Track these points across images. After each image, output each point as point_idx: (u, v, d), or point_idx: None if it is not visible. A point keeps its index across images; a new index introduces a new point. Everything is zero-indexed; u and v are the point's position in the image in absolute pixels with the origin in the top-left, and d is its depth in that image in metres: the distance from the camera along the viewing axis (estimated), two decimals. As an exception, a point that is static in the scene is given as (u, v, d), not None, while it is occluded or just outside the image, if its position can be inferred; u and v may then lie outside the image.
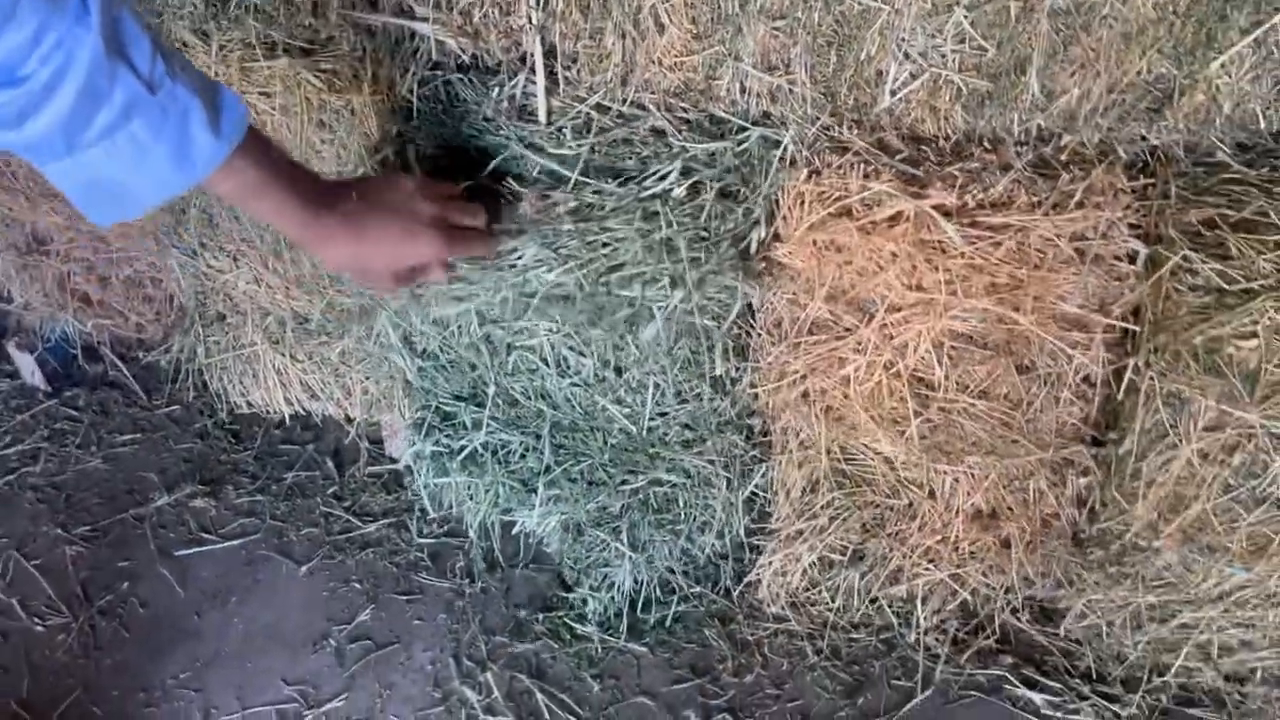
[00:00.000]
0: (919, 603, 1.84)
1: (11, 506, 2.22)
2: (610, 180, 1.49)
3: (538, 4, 1.47)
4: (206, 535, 2.16)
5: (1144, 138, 1.39)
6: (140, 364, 2.48)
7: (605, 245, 1.45)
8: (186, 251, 1.94)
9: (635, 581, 1.90)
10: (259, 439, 2.35)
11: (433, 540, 2.13)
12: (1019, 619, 1.87)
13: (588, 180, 1.48)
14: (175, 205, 1.88)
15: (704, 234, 1.46)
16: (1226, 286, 1.25)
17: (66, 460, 2.33)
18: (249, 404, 2.17)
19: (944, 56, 1.35)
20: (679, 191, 1.45)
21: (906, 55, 1.37)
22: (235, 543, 2.14)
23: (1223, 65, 1.30)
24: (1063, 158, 1.41)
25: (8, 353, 2.46)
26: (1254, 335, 1.25)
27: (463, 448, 1.82)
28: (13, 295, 2.30)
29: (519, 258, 1.47)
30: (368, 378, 2.01)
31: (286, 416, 2.19)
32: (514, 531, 1.99)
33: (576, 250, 1.46)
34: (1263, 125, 1.34)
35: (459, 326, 1.67)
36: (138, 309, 2.24)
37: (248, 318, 2.03)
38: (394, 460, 2.25)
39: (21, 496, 2.25)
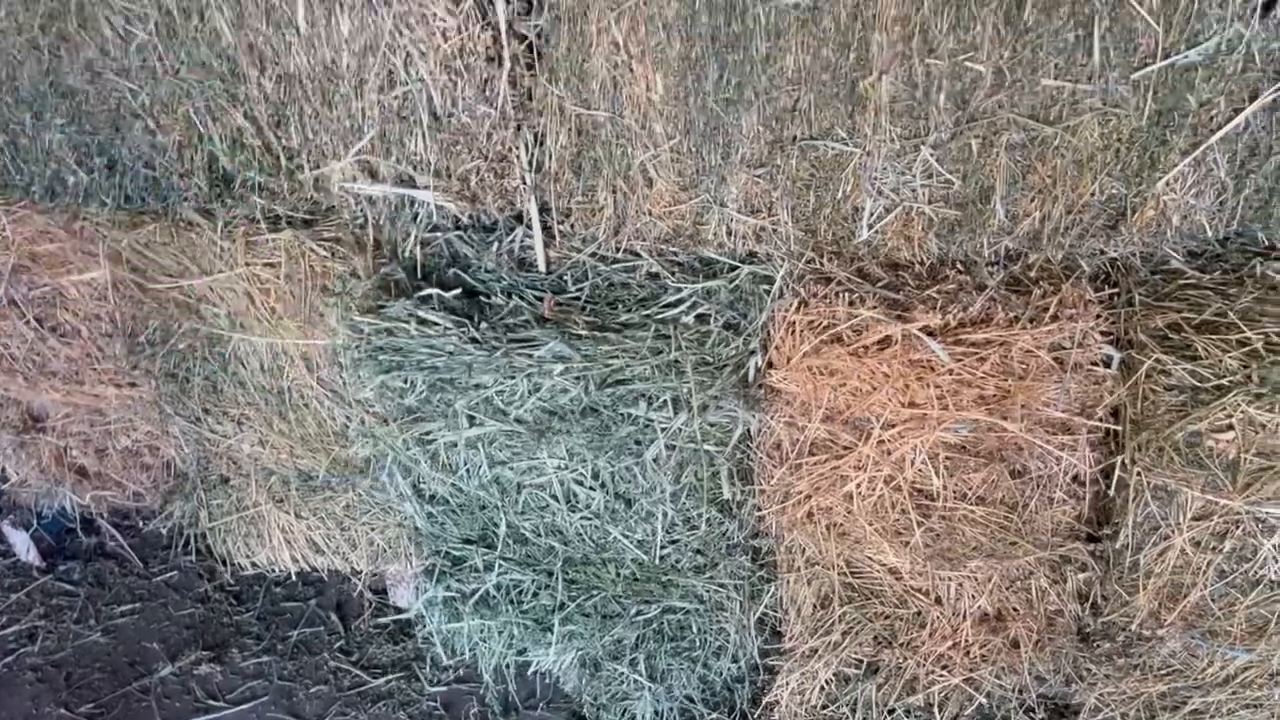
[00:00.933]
0: (936, 710, 1.87)
1: (12, 689, 2.19)
2: (617, 307, 1.58)
3: (531, 167, 1.57)
4: (214, 703, 2.14)
5: (1103, 251, 1.50)
6: (137, 533, 2.48)
7: (616, 357, 1.52)
8: (190, 419, 1.98)
9: (656, 713, 1.91)
10: (261, 598, 2.35)
11: (444, 688, 2.13)
12: (1034, 719, 1.90)
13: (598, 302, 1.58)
14: (179, 374, 1.93)
15: (708, 360, 1.54)
16: (1199, 384, 1.34)
17: (65, 637, 2.30)
18: (253, 564, 2.18)
19: (914, 191, 1.46)
20: (689, 319, 1.54)
21: (880, 191, 1.48)
22: (244, 707, 2.13)
23: (1167, 183, 1.42)
24: (1032, 274, 1.52)
25: (1, 532, 2.45)
26: (1230, 428, 1.34)
27: (475, 590, 1.85)
28: (8, 474, 2.31)
29: (538, 347, 1.52)
30: (374, 529, 2.04)
31: (291, 573, 2.20)
32: (530, 672, 2.00)
33: (591, 351, 1.51)
34: (1210, 234, 1.46)
35: (468, 469, 1.71)
36: (136, 478, 2.26)
37: (251, 479, 2.06)
38: (400, 610, 2.26)
39: (21, 678, 2.22)
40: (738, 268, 1.57)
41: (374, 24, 1.47)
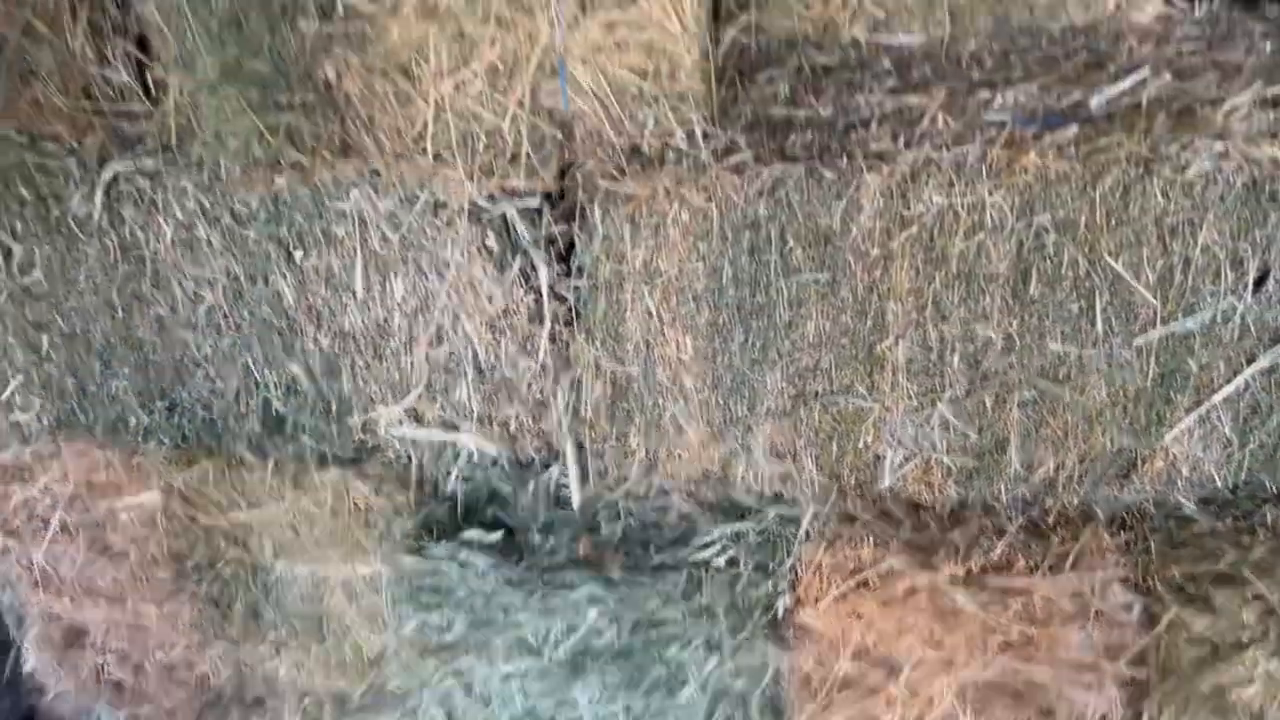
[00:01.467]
0: None
1: None
2: (649, 548, 1.64)
3: (568, 413, 1.66)
4: None
5: (1118, 498, 1.56)
6: (168, 746, 2.48)
7: (649, 600, 1.57)
8: (229, 641, 2.02)
9: None
10: (290, 817, 2.33)
11: None
12: None
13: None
14: (222, 599, 1.98)
15: (739, 604, 1.59)
16: (1218, 640, 1.38)
17: None
18: (283, 785, 2.18)
19: (932, 442, 1.54)
20: (719, 561, 1.59)
21: (899, 442, 1.55)
22: None
23: (1175, 438, 1.49)
24: (1050, 520, 1.57)
25: (36, 744, 2.46)
26: (1252, 682, 1.37)
27: (507, 822, 1.84)
28: (48, 688, 2.33)
29: (574, 589, 1.57)
30: (406, 753, 2.04)
31: (320, 794, 2.19)
32: None
33: (625, 595, 1.56)
34: (1219, 483, 1.51)
35: (502, 702, 1.74)
36: (172, 693, 2.28)
37: (285, 700, 2.08)
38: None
39: None
40: (764, 511, 1.63)
41: (425, 288, 1.58)
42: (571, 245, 1.56)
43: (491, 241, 1.54)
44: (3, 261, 1.69)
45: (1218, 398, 1.44)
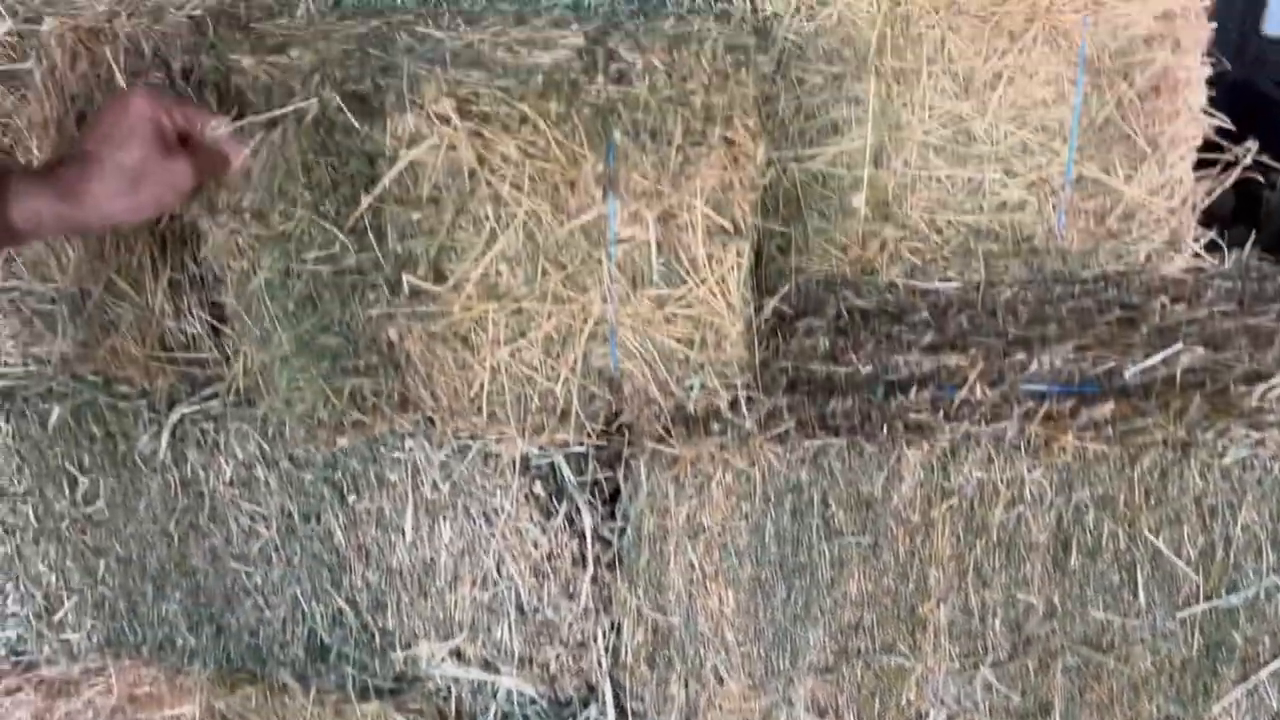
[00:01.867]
0: None
1: None
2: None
3: (608, 654, 1.68)
4: None
5: (1167, 766, 1.54)
6: None
7: None
8: None
9: None
10: None
11: None
12: None
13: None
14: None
15: None
16: None
17: None
18: None
19: (975, 703, 1.53)
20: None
21: (942, 701, 1.55)
22: None
23: (1223, 708, 1.47)
24: (1097, 788, 1.55)
25: None
26: None
27: None
28: None
29: None
30: None
31: None
32: None
33: None
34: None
35: None
36: None
37: None
38: None
39: None
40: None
41: (472, 531, 1.62)
42: (616, 491, 1.60)
43: (539, 489, 1.59)
44: (68, 490, 1.75)
45: (1265, 673, 1.43)
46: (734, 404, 1.52)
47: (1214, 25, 1.73)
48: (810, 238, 1.90)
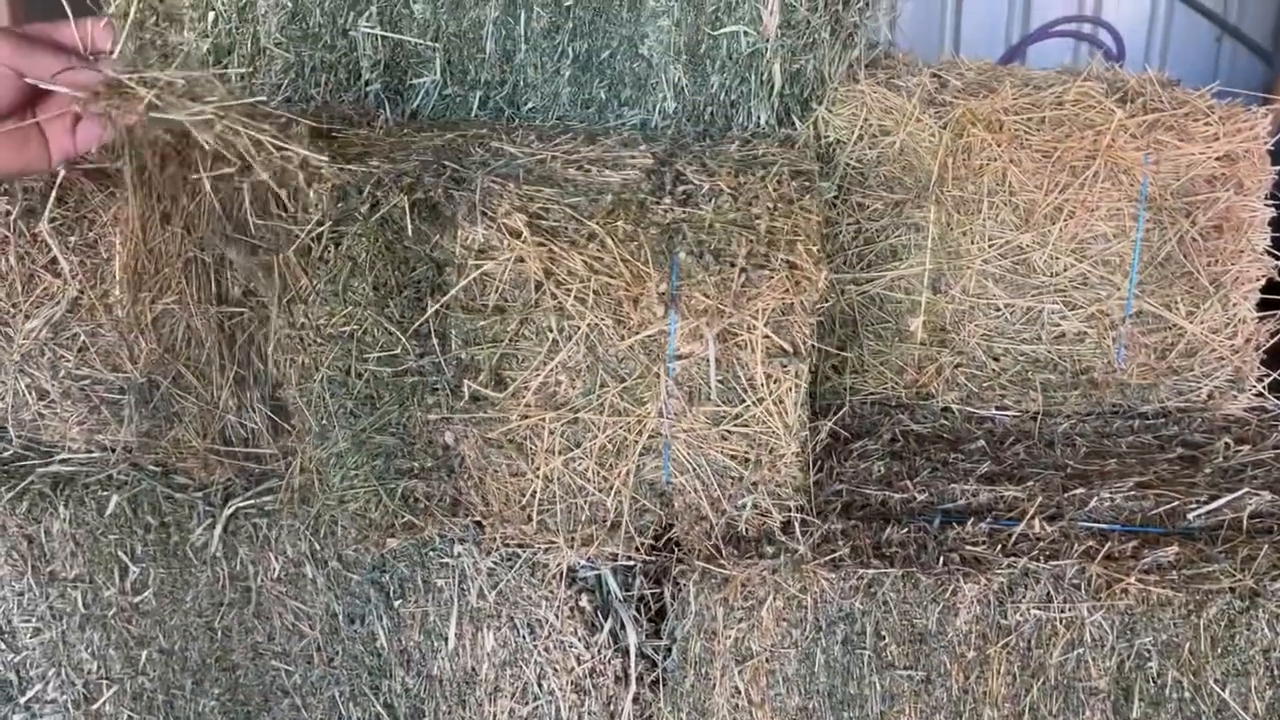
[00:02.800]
0: None
1: None
2: None
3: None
4: None
5: None
6: None
7: None
8: None
9: None
10: None
11: None
12: None
13: None
14: None
15: None
16: None
17: None
18: None
19: None
20: None
21: None
22: None
23: None
24: None
25: None
26: None
27: None
28: None
29: None
30: None
31: None
32: None
33: None
34: None
35: None
36: None
37: None
38: None
39: None
40: None
41: (515, 643, 1.60)
42: (663, 609, 1.58)
43: (584, 602, 1.57)
44: (118, 579, 1.76)
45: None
46: (787, 526, 1.51)
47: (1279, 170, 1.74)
48: (867, 360, 1.90)
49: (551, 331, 1.42)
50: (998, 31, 4.61)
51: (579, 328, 1.42)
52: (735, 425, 1.45)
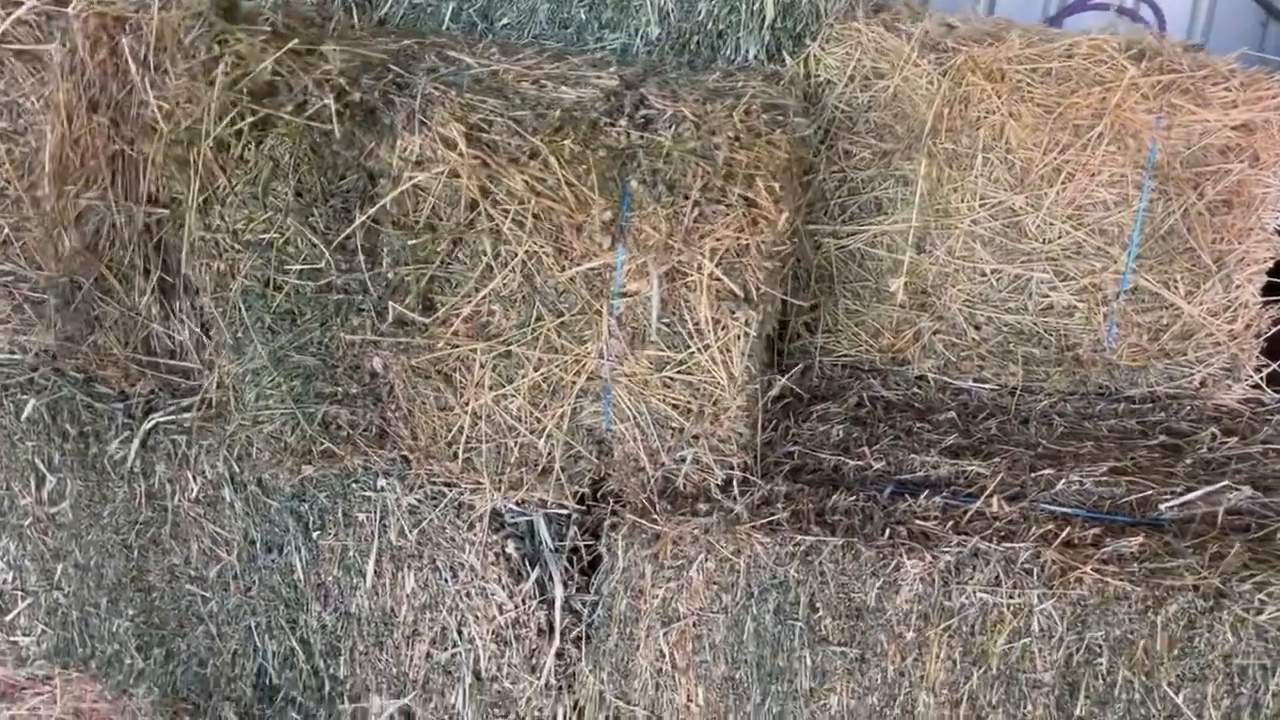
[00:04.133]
0: None
1: None
2: None
3: (566, 738, 1.54)
4: None
5: None
6: None
7: None
8: None
9: None
10: None
11: None
12: None
13: None
14: None
15: None
16: None
17: None
18: None
19: None
20: None
21: (920, 843, 1.39)
22: None
23: None
24: None
25: None
26: None
27: None
28: None
29: None
30: None
31: None
32: None
33: None
34: None
35: None
36: None
37: None
38: None
39: None
40: None
41: (437, 586, 1.51)
42: (596, 563, 1.49)
43: (511, 549, 1.48)
44: (34, 488, 1.68)
45: None
46: (727, 485, 1.40)
47: (1298, 141, 1.60)
48: (840, 319, 1.79)
49: (485, 255, 1.31)
50: (1035, 2, 4.43)
51: (515, 254, 1.31)
52: (678, 372, 1.35)
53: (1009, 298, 1.72)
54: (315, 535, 1.54)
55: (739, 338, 1.32)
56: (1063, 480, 1.43)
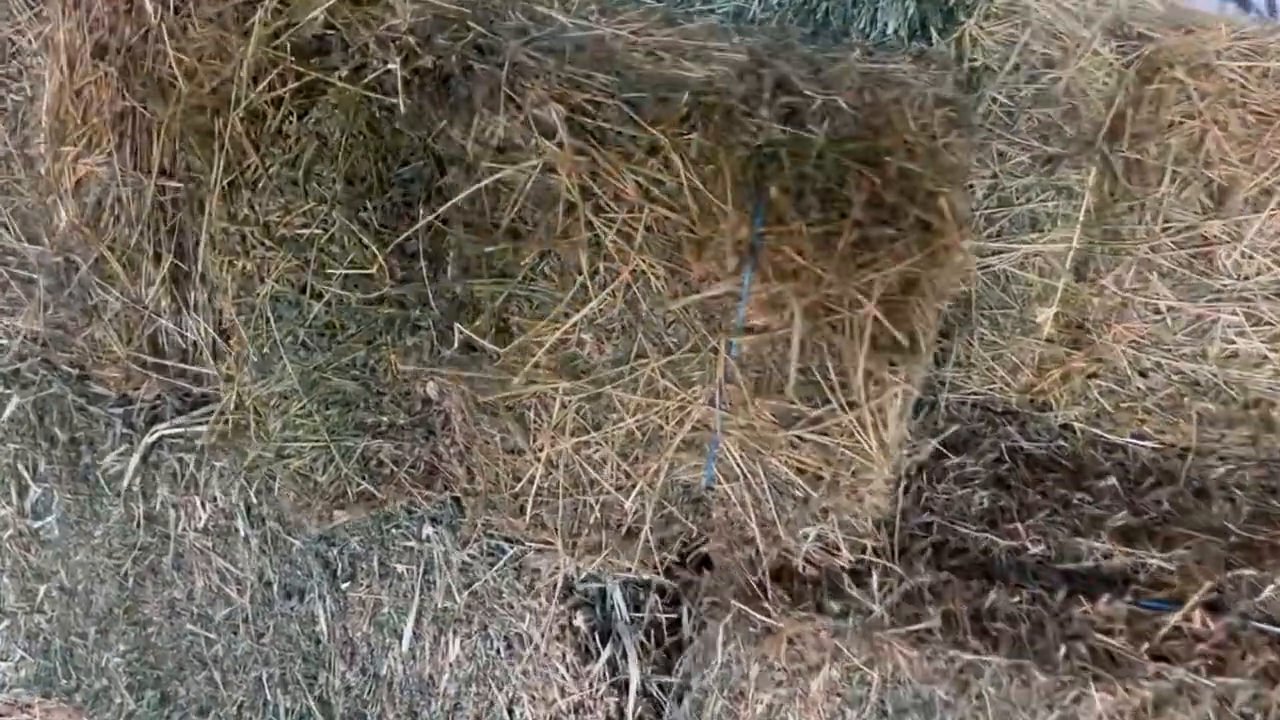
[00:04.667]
0: None
1: None
2: None
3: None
4: None
5: None
6: None
7: None
8: None
9: None
10: None
11: None
12: None
13: None
14: None
15: None
16: None
17: None
18: None
19: None
20: None
21: None
22: None
23: None
24: None
25: None
26: None
27: None
28: None
29: None
30: None
31: None
32: None
33: None
34: None
35: None
36: None
37: None
38: None
39: None
40: None
41: (487, 657, 1.25)
42: (679, 642, 1.22)
43: (579, 621, 1.21)
44: (15, 497, 1.42)
45: None
46: (859, 573, 1.13)
47: None
48: (975, 352, 1.50)
49: (581, 273, 1.03)
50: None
51: (619, 273, 1.03)
52: (812, 431, 1.06)
53: (1186, 341, 1.43)
54: (345, 585, 1.27)
55: (896, 397, 1.04)
56: (1268, 585, 1.15)
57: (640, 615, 1.25)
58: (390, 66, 0.96)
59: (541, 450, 1.12)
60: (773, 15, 1.48)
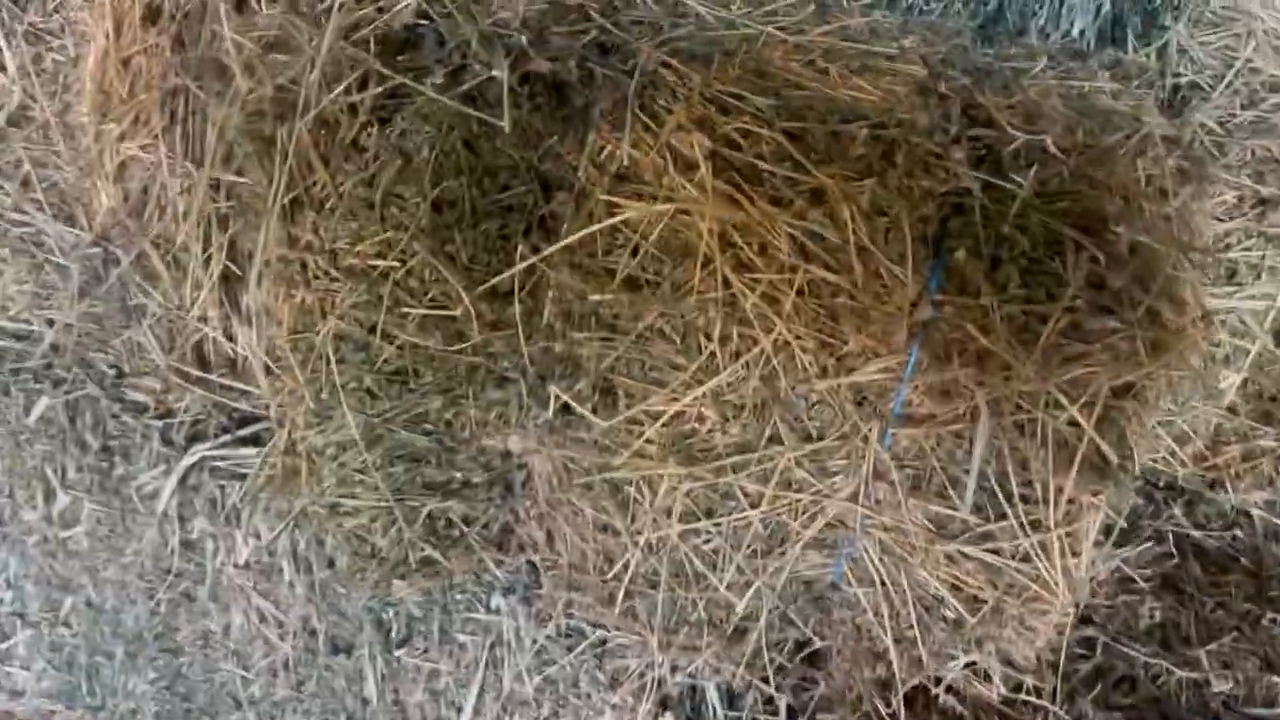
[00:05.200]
0: None
1: None
2: None
3: None
4: None
5: None
6: None
7: None
8: None
9: None
10: None
11: None
12: None
13: None
14: None
15: None
16: None
17: None
18: None
19: None
20: None
21: None
22: None
23: None
24: None
25: None
26: None
27: None
28: None
29: None
30: None
31: None
32: None
33: None
34: None
35: None
36: None
37: None
38: None
39: None
40: None
41: (555, 744, 1.08)
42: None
43: (668, 720, 1.03)
44: (42, 502, 1.28)
45: None
46: (1011, 705, 0.93)
47: None
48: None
49: (711, 339, 0.83)
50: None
51: (756, 341, 0.83)
52: (982, 549, 0.86)
53: (1405, 431, 1.20)
54: (400, 651, 1.10)
55: (1092, 525, 0.83)
56: None
57: (737, 715, 1.06)
58: (496, 73, 0.76)
59: (640, 534, 0.93)
60: (935, 5, 1.25)
